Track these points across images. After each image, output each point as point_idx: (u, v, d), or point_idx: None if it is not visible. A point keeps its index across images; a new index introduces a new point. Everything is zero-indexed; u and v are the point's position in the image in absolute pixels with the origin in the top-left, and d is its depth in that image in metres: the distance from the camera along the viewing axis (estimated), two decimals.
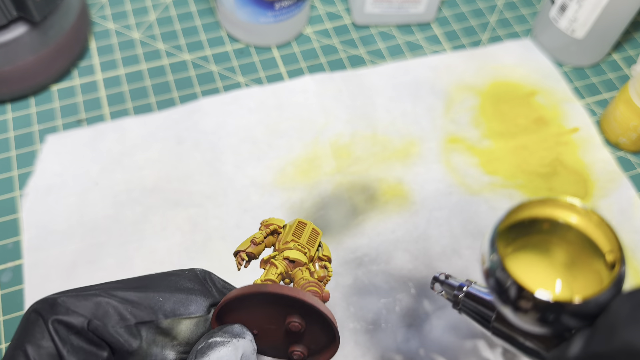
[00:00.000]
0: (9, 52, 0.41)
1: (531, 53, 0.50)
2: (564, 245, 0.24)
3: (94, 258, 0.38)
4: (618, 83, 0.49)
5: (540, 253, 0.24)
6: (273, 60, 0.48)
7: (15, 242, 0.38)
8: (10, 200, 0.40)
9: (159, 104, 0.45)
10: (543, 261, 0.24)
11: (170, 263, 0.38)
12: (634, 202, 0.42)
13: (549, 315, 0.21)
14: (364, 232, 0.40)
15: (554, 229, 0.24)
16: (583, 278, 0.23)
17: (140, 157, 0.42)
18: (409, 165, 0.43)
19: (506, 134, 0.45)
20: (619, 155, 0.45)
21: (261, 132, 0.44)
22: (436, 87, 0.47)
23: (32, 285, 0.36)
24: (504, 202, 0.41)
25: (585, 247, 0.23)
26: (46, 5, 0.40)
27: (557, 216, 0.24)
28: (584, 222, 0.23)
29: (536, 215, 0.24)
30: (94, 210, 0.39)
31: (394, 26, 0.51)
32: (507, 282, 0.21)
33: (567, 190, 0.42)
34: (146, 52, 0.48)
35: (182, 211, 0.40)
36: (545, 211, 0.24)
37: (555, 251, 0.24)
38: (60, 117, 0.44)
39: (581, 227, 0.23)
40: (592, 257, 0.23)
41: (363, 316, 0.36)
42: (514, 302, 0.21)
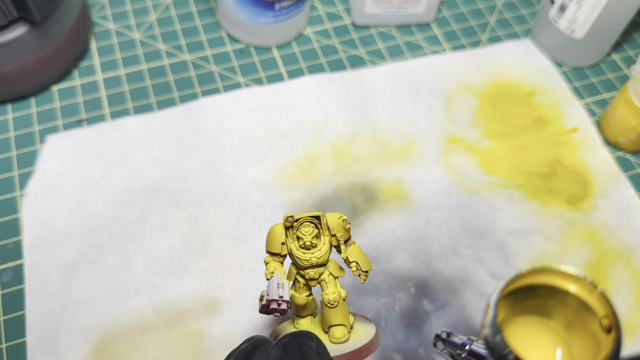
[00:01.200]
0: (9, 52, 0.41)
1: (531, 53, 0.50)
2: (561, 308, 0.25)
3: (94, 258, 0.38)
4: (617, 83, 0.49)
5: (538, 317, 0.25)
6: (273, 61, 0.49)
7: (16, 242, 0.38)
8: (10, 200, 0.40)
9: (159, 104, 0.45)
10: (541, 326, 0.25)
11: (171, 263, 0.38)
12: (633, 202, 0.42)
13: None
14: (364, 232, 0.40)
15: (551, 293, 0.25)
16: (581, 341, 0.24)
17: (141, 157, 0.42)
18: (409, 165, 0.43)
19: (506, 134, 0.45)
20: (618, 155, 0.45)
21: (261, 132, 0.44)
22: (436, 87, 0.47)
23: (33, 285, 0.36)
24: (503, 202, 0.41)
25: (582, 310, 0.24)
26: (47, 6, 0.40)
27: (553, 283, 0.25)
28: (579, 288, 0.24)
29: (533, 283, 0.25)
30: (95, 210, 0.40)
31: (394, 26, 0.52)
32: (505, 350, 0.22)
33: (566, 190, 0.42)
34: (146, 52, 0.48)
35: (182, 211, 0.40)
36: (542, 279, 0.25)
37: (553, 314, 0.25)
38: (60, 117, 0.44)
39: (576, 292, 0.24)
40: (589, 320, 0.24)
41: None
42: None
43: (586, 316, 0.24)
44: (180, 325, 0.36)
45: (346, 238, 0.28)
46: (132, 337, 0.35)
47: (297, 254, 0.28)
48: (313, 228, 0.28)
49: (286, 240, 0.28)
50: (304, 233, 0.27)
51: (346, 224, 0.28)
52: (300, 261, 0.28)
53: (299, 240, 0.27)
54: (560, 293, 0.24)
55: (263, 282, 0.37)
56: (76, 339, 0.35)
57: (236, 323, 0.36)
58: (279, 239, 0.28)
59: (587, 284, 0.24)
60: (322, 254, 0.28)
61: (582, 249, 0.40)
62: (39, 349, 0.34)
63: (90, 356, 0.34)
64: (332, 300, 0.27)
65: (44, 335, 0.35)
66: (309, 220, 0.28)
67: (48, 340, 0.35)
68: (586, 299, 0.24)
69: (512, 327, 0.24)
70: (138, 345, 0.35)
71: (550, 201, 0.42)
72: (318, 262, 0.28)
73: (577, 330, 0.24)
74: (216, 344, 0.35)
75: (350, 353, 0.26)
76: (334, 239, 0.28)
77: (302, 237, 0.27)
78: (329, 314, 0.28)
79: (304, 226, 0.27)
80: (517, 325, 0.24)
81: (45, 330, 0.35)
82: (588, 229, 0.41)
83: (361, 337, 0.28)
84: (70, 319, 0.36)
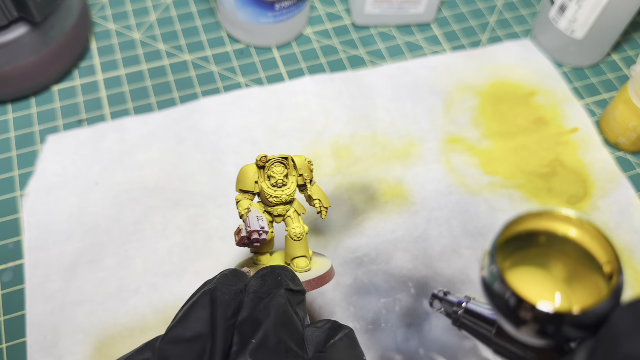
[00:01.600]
0: (9, 53, 0.41)
1: (531, 53, 0.50)
2: (562, 257, 0.24)
3: (94, 258, 0.38)
4: (617, 83, 0.49)
5: (538, 266, 0.24)
6: (273, 61, 0.49)
7: (16, 242, 0.38)
8: (11, 200, 0.40)
9: (159, 104, 0.45)
10: (541, 274, 0.24)
11: (171, 263, 0.38)
12: (633, 202, 0.42)
13: (549, 326, 0.21)
14: (364, 232, 0.40)
15: (552, 242, 0.24)
16: (581, 290, 0.23)
17: (141, 157, 0.42)
18: (409, 165, 0.43)
19: (506, 134, 0.45)
20: (618, 155, 0.45)
21: (261, 132, 0.44)
22: (436, 87, 0.47)
23: (33, 285, 0.36)
24: (503, 202, 0.42)
25: (583, 259, 0.23)
26: (47, 6, 0.40)
27: (553, 229, 0.24)
28: (581, 233, 0.23)
29: (533, 228, 0.24)
30: (95, 210, 0.40)
31: (394, 26, 0.52)
32: (506, 294, 0.22)
33: (566, 190, 0.42)
34: (146, 52, 0.48)
35: (182, 211, 0.40)
36: (542, 224, 0.24)
37: (553, 264, 0.24)
38: (60, 117, 0.44)
39: (578, 239, 0.23)
40: (590, 269, 0.23)
41: (363, 316, 0.37)
42: (513, 314, 0.21)
43: (587, 265, 0.23)
44: None
45: (310, 178, 0.31)
46: (132, 338, 0.35)
47: (268, 192, 0.30)
48: (283, 168, 0.30)
49: (258, 179, 0.30)
50: (276, 172, 0.29)
51: (310, 164, 0.31)
52: (271, 198, 0.30)
53: (270, 179, 0.29)
54: (560, 241, 0.24)
55: None
56: (76, 339, 0.35)
57: None
58: (252, 178, 0.29)
59: (590, 228, 0.23)
60: (290, 191, 0.30)
61: None
62: (38, 349, 0.34)
63: (90, 356, 0.34)
64: (299, 234, 0.30)
65: (43, 336, 0.35)
66: (279, 161, 0.30)
67: (48, 341, 0.35)
68: (588, 245, 0.23)
69: (511, 275, 0.23)
70: (138, 345, 0.35)
71: (550, 201, 0.42)
72: (287, 199, 0.30)
73: (578, 280, 0.23)
74: None
75: (317, 278, 0.29)
76: (301, 178, 0.30)
77: (273, 176, 0.29)
78: (293, 247, 0.30)
79: (275, 166, 0.30)
80: (516, 275, 0.24)
81: (45, 330, 0.35)
82: None
83: (320, 267, 0.31)
84: (70, 319, 0.36)
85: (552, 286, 0.24)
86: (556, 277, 0.24)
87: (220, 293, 0.24)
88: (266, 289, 0.25)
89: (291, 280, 0.26)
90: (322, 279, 0.30)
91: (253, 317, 0.23)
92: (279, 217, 0.30)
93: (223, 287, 0.24)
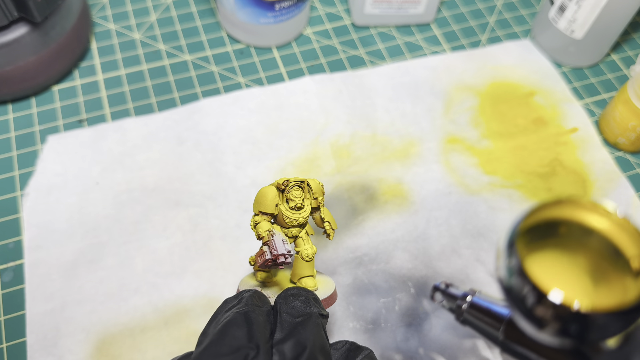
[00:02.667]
0: (10, 53, 0.41)
1: (530, 53, 0.50)
2: (585, 250, 0.22)
3: (94, 258, 0.38)
4: (617, 83, 0.49)
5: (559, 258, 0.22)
6: (273, 61, 0.49)
7: (17, 242, 0.39)
8: (11, 200, 0.40)
9: (159, 105, 0.45)
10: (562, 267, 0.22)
11: (171, 263, 0.38)
12: (632, 202, 0.42)
13: (573, 326, 0.19)
14: (364, 232, 0.40)
15: (574, 233, 0.22)
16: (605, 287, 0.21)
17: (141, 157, 0.42)
18: (409, 165, 0.43)
19: (505, 134, 0.45)
20: (618, 156, 0.45)
21: (261, 132, 0.44)
22: (436, 87, 0.47)
23: (33, 285, 0.37)
24: (503, 202, 0.42)
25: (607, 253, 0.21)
26: (47, 6, 0.40)
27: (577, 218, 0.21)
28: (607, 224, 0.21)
29: (555, 217, 0.22)
30: (95, 210, 0.40)
31: (394, 27, 0.52)
32: (525, 287, 0.19)
33: (566, 190, 0.43)
34: (147, 52, 0.48)
35: (182, 211, 0.40)
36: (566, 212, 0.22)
37: (575, 257, 0.22)
38: (61, 118, 0.44)
39: (603, 230, 0.21)
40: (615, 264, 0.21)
41: (363, 315, 0.37)
42: (532, 309, 0.19)
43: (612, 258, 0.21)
44: (180, 325, 0.36)
45: (323, 202, 0.32)
46: (132, 337, 0.35)
47: (287, 214, 0.30)
48: (302, 191, 0.31)
49: (278, 201, 0.31)
50: (296, 196, 0.30)
51: (323, 188, 0.32)
52: (289, 220, 0.30)
53: (290, 202, 0.30)
54: (583, 233, 0.21)
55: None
56: (76, 339, 0.35)
57: None
58: (272, 200, 0.30)
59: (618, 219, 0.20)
60: (306, 214, 0.31)
61: None
62: (39, 349, 0.34)
63: (91, 356, 0.35)
64: (311, 255, 0.31)
65: (44, 335, 0.35)
66: (298, 184, 0.31)
67: (48, 340, 0.35)
68: (614, 237, 0.21)
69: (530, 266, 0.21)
70: (138, 345, 0.35)
71: None
72: (303, 221, 0.31)
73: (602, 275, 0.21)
74: None
75: (326, 299, 0.30)
76: (315, 202, 0.31)
77: (293, 200, 0.30)
78: (302, 267, 0.31)
79: (295, 189, 0.30)
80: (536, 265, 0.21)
81: (46, 329, 0.35)
82: None
83: (325, 286, 0.31)
84: (70, 319, 0.36)
85: (574, 280, 0.21)
86: (578, 271, 0.21)
87: (255, 315, 0.24)
88: (296, 311, 0.25)
89: (316, 303, 0.27)
90: (330, 299, 0.30)
91: (296, 340, 0.24)
92: (290, 239, 0.31)
93: (255, 309, 0.25)
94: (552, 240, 0.22)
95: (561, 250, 0.22)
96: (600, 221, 0.21)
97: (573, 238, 0.22)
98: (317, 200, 0.31)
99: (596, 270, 0.21)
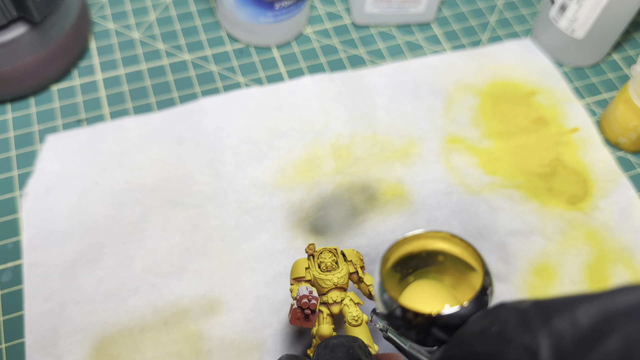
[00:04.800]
0: (9, 52, 0.41)
1: (531, 53, 0.50)
2: (453, 272, 0.26)
3: (94, 258, 0.38)
4: (618, 83, 0.49)
5: (434, 281, 0.27)
6: (273, 61, 0.48)
7: (15, 242, 0.38)
8: (10, 200, 0.40)
9: (159, 104, 0.45)
10: (436, 286, 0.27)
11: (170, 263, 0.38)
12: (633, 202, 0.42)
13: (428, 330, 0.23)
14: (364, 232, 0.40)
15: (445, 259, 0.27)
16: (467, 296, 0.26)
17: (141, 157, 0.42)
18: (409, 165, 0.43)
19: (506, 134, 0.45)
20: (619, 155, 0.45)
21: (261, 132, 0.44)
22: (436, 87, 0.47)
23: (32, 285, 0.36)
24: (503, 202, 0.41)
25: (468, 272, 0.26)
26: (46, 5, 0.40)
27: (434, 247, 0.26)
28: (454, 247, 0.26)
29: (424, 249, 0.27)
30: (94, 210, 0.40)
31: (394, 26, 0.51)
32: (393, 306, 0.24)
33: (566, 190, 0.42)
34: (146, 52, 0.48)
35: (182, 211, 0.40)
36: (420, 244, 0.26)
37: (446, 278, 0.27)
38: (60, 117, 0.44)
39: (462, 255, 0.26)
40: (475, 280, 0.25)
41: None
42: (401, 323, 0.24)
43: (473, 277, 0.26)
44: (179, 326, 0.36)
45: (361, 265, 0.32)
46: (131, 337, 0.35)
47: (320, 277, 0.31)
48: (332, 255, 0.31)
49: (309, 266, 0.31)
50: (325, 257, 0.31)
51: (360, 254, 0.32)
52: (323, 282, 0.31)
53: (321, 265, 0.31)
54: (453, 258, 0.26)
55: (262, 281, 0.37)
56: (75, 339, 0.35)
57: (236, 323, 0.36)
58: (302, 265, 0.31)
59: (461, 242, 0.25)
60: (341, 275, 0.31)
61: (582, 249, 0.40)
62: (37, 349, 0.34)
63: (90, 356, 0.34)
64: (356, 316, 0.30)
65: (42, 335, 0.35)
66: (328, 249, 0.31)
67: (47, 340, 0.35)
68: (465, 257, 0.26)
69: (409, 291, 0.26)
70: (137, 345, 0.35)
71: (551, 201, 0.42)
72: (339, 282, 0.31)
73: (464, 288, 0.26)
74: (216, 344, 0.35)
75: (384, 354, 0.29)
76: (351, 265, 0.31)
77: (323, 261, 0.31)
78: (353, 334, 0.30)
79: (324, 253, 0.31)
80: (415, 289, 0.26)
81: (44, 330, 0.35)
82: (588, 229, 0.41)
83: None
84: (69, 319, 0.35)
85: (445, 298, 0.26)
86: (449, 290, 0.27)
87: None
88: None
89: (362, 351, 0.26)
90: (389, 357, 0.29)
91: None
92: (335, 306, 0.31)
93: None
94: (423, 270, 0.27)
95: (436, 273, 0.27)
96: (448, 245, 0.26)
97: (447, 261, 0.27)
98: (352, 262, 0.31)
99: (461, 284, 0.26)
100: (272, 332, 0.36)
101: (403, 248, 0.26)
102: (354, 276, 0.32)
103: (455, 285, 0.27)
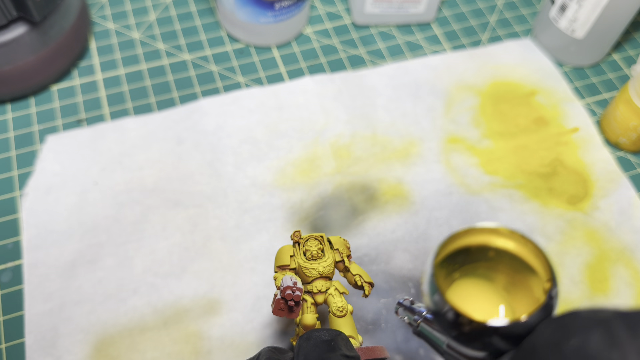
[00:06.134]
0: (8, 52, 0.41)
1: (531, 53, 0.50)
2: (506, 270, 0.25)
3: (93, 258, 0.38)
4: (618, 83, 0.49)
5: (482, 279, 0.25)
6: (273, 60, 0.48)
7: (15, 242, 0.38)
8: (10, 200, 0.40)
9: (159, 104, 0.45)
10: (485, 286, 0.25)
11: (170, 263, 0.38)
12: (633, 202, 0.42)
13: (483, 338, 0.22)
14: (364, 232, 0.40)
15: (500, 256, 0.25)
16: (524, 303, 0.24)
17: (140, 157, 0.42)
18: (409, 165, 0.43)
19: (506, 134, 0.45)
20: (619, 155, 0.45)
21: (261, 132, 0.44)
22: (436, 87, 0.47)
23: (32, 285, 0.36)
24: (504, 202, 0.41)
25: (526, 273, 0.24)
26: (46, 5, 0.40)
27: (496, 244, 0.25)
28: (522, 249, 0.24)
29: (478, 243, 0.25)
30: (94, 210, 0.39)
31: (394, 26, 0.51)
32: (444, 308, 0.23)
33: (567, 190, 0.42)
34: (146, 52, 0.48)
35: (182, 211, 0.40)
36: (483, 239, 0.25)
37: (498, 277, 0.25)
38: (60, 117, 0.44)
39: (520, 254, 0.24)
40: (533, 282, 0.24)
41: (363, 316, 0.36)
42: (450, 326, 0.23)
43: (530, 279, 0.24)
44: (179, 326, 0.36)
45: (348, 254, 0.31)
46: (131, 338, 0.35)
47: (305, 265, 0.30)
48: (318, 243, 0.31)
49: (294, 254, 0.31)
50: (311, 245, 0.31)
51: (346, 242, 0.31)
52: (308, 271, 0.30)
53: (306, 253, 0.30)
54: (507, 256, 0.25)
55: (262, 282, 0.37)
56: (75, 339, 0.35)
57: (236, 323, 0.36)
58: (287, 253, 0.30)
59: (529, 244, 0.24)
60: (327, 264, 0.30)
61: (582, 249, 0.40)
62: (37, 349, 0.34)
63: (89, 356, 0.34)
64: (340, 307, 0.29)
65: (42, 336, 0.35)
66: (314, 237, 0.31)
67: (47, 341, 0.35)
68: (529, 260, 0.24)
69: (455, 289, 0.25)
70: (137, 346, 0.35)
71: (551, 201, 0.42)
72: (324, 271, 0.30)
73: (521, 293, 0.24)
74: (216, 344, 0.35)
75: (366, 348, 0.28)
76: (337, 253, 0.31)
77: (308, 249, 0.30)
78: (337, 325, 0.29)
79: (310, 241, 0.31)
80: (461, 287, 0.25)
81: (44, 330, 0.35)
82: (589, 229, 0.41)
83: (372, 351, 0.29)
84: (69, 319, 0.35)
85: (495, 299, 0.25)
86: (500, 290, 0.25)
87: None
88: (317, 353, 0.24)
89: (344, 345, 0.25)
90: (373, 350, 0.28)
91: None
92: (320, 295, 0.30)
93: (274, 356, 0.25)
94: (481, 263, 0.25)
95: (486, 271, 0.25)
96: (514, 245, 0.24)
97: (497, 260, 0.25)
98: (339, 251, 0.31)
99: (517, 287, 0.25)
100: (272, 332, 0.36)
101: (456, 243, 0.25)
102: (340, 265, 0.31)
103: (508, 286, 0.25)
